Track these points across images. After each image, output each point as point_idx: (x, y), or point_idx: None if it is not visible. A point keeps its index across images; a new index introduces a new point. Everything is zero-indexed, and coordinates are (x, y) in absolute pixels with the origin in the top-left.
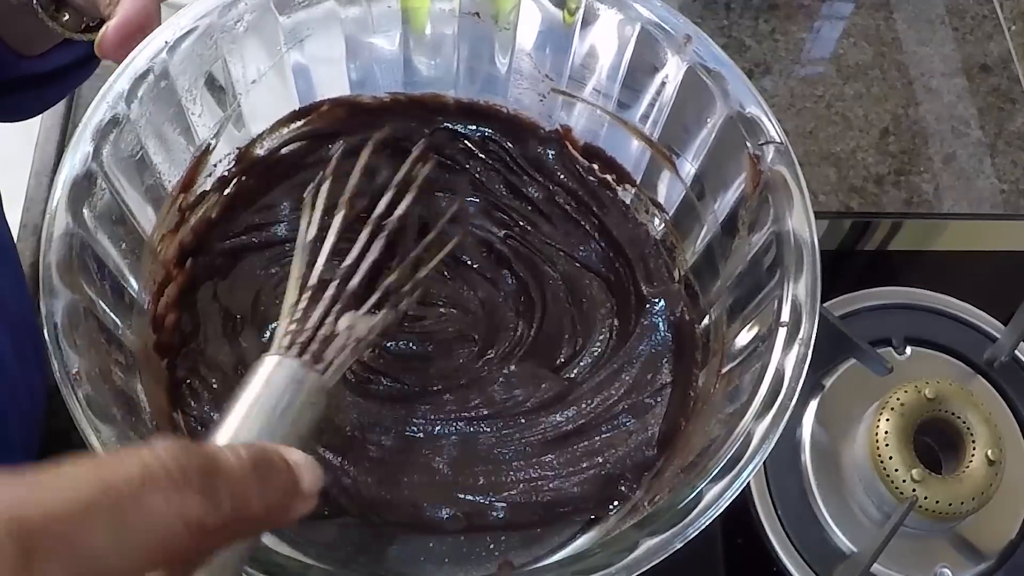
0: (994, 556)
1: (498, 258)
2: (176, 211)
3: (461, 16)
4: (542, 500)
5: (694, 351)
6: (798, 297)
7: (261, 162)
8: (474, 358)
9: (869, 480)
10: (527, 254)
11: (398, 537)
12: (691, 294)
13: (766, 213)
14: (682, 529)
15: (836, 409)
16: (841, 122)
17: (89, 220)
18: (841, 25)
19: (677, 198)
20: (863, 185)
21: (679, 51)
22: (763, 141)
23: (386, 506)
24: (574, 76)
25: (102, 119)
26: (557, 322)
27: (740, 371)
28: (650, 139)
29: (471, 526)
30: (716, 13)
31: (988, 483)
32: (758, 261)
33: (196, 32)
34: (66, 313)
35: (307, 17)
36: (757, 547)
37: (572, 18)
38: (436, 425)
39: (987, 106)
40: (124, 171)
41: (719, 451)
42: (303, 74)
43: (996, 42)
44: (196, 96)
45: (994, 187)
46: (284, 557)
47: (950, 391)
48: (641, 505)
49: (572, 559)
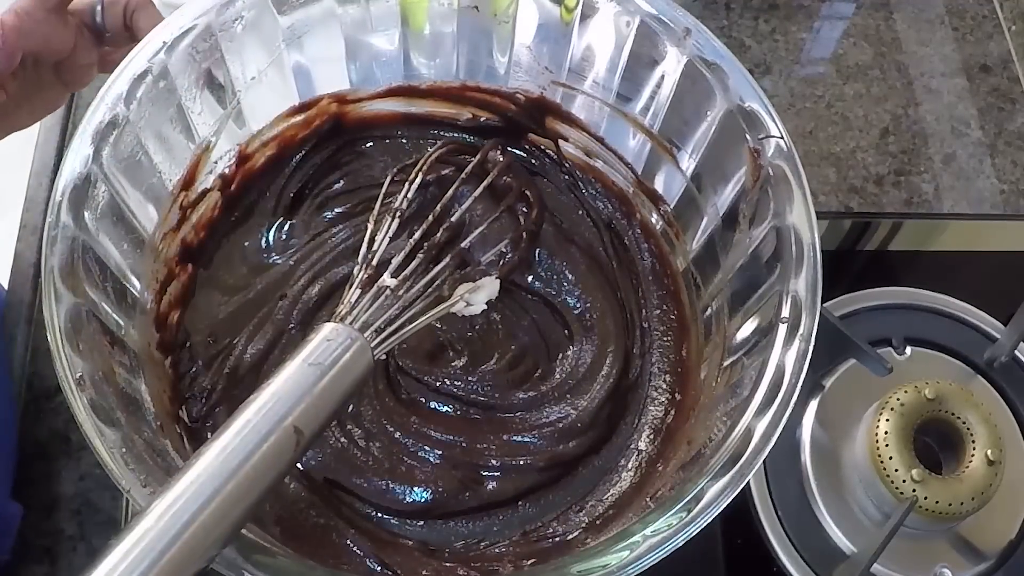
0: (994, 556)
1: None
2: (178, 209)
3: (460, 11)
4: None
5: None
6: (798, 293)
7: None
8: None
9: (869, 480)
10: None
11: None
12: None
13: (766, 207)
14: (683, 526)
15: (836, 409)
16: (841, 122)
17: (90, 222)
18: (841, 25)
19: (678, 191)
20: (863, 185)
21: (678, 44)
22: (763, 135)
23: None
24: (574, 69)
25: (101, 120)
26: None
27: (741, 365)
28: (650, 131)
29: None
30: (716, 13)
31: (988, 483)
32: (758, 255)
33: (194, 31)
34: (69, 317)
35: (305, 15)
36: (757, 547)
37: (571, 12)
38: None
39: (987, 106)
40: (124, 172)
41: (720, 448)
42: (303, 72)
43: (996, 42)
44: (195, 94)
45: (994, 187)
46: (288, 562)
47: (950, 391)
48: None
49: (573, 557)
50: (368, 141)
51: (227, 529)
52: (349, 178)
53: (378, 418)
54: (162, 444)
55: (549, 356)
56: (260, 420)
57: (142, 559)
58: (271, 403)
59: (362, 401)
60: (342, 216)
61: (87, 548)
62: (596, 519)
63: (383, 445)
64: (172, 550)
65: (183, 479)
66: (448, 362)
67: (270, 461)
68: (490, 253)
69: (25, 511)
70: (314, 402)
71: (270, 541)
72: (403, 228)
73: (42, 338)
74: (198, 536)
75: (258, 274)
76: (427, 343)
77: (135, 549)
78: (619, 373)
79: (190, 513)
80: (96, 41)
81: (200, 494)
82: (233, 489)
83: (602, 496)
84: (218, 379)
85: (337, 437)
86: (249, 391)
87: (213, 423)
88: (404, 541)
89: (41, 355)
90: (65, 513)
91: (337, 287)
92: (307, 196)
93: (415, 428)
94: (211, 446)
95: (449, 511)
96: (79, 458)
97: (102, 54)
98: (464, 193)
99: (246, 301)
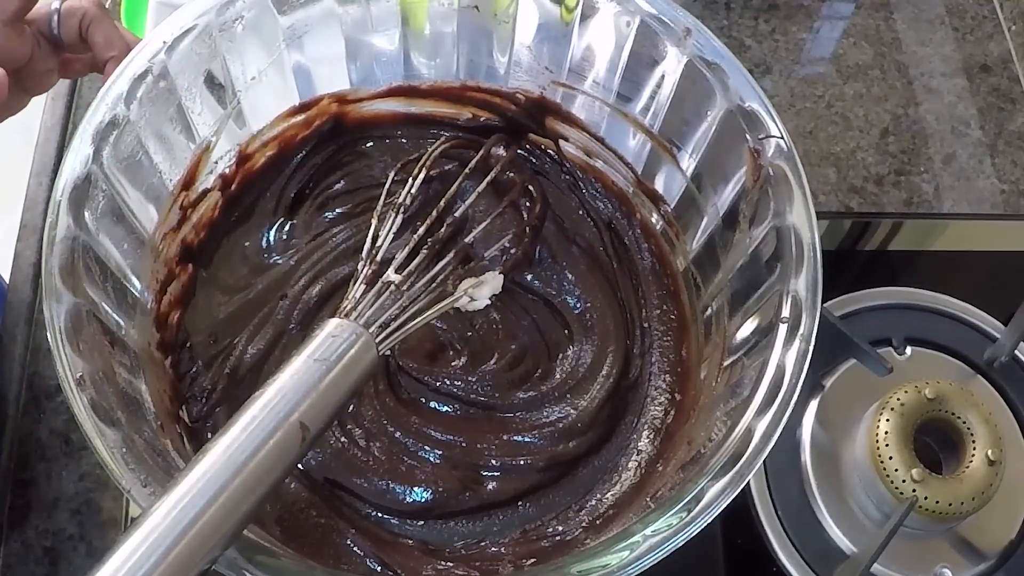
0: (994, 556)
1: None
2: (178, 209)
3: (460, 11)
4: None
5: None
6: (799, 293)
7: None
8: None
9: (869, 480)
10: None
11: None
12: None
13: (766, 207)
14: (683, 526)
15: (836, 409)
16: (841, 122)
17: (90, 222)
18: (841, 25)
19: (678, 190)
20: (863, 185)
21: (678, 44)
22: (763, 135)
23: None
24: (574, 69)
25: (102, 120)
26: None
27: (741, 365)
28: (650, 131)
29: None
30: (716, 13)
31: (988, 483)
32: (758, 255)
33: (195, 31)
34: (69, 317)
35: (305, 15)
36: (757, 547)
37: (571, 12)
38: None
39: (987, 106)
40: (125, 171)
41: (720, 448)
42: (303, 72)
43: (996, 42)
44: (196, 94)
45: (994, 187)
46: (288, 562)
47: (950, 391)
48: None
49: (573, 557)
50: (368, 141)
51: (232, 526)
52: (350, 178)
53: (378, 418)
54: (162, 444)
55: (549, 356)
56: (266, 416)
57: (149, 555)
58: (277, 399)
59: (362, 401)
60: (343, 216)
61: (87, 548)
62: (596, 519)
63: (383, 445)
64: (179, 546)
65: (190, 475)
66: (448, 362)
67: (276, 457)
68: (493, 248)
69: (25, 511)
70: (320, 398)
71: (271, 541)
72: (406, 224)
73: (42, 338)
74: (204, 532)
75: (258, 274)
76: (427, 343)
77: (143, 545)
78: (619, 373)
79: (197, 509)
80: (54, 49)
81: (207, 490)
82: (239, 485)
83: (602, 496)
84: (218, 379)
85: (337, 437)
86: (249, 391)
87: (213, 423)
88: (404, 541)
89: (41, 355)
90: (65, 513)
91: (338, 287)
92: (307, 196)
93: (415, 428)
94: (217, 442)
95: (449, 511)
96: (79, 458)
97: (62, 60)
98: (467, 189)
99: (246, 301)
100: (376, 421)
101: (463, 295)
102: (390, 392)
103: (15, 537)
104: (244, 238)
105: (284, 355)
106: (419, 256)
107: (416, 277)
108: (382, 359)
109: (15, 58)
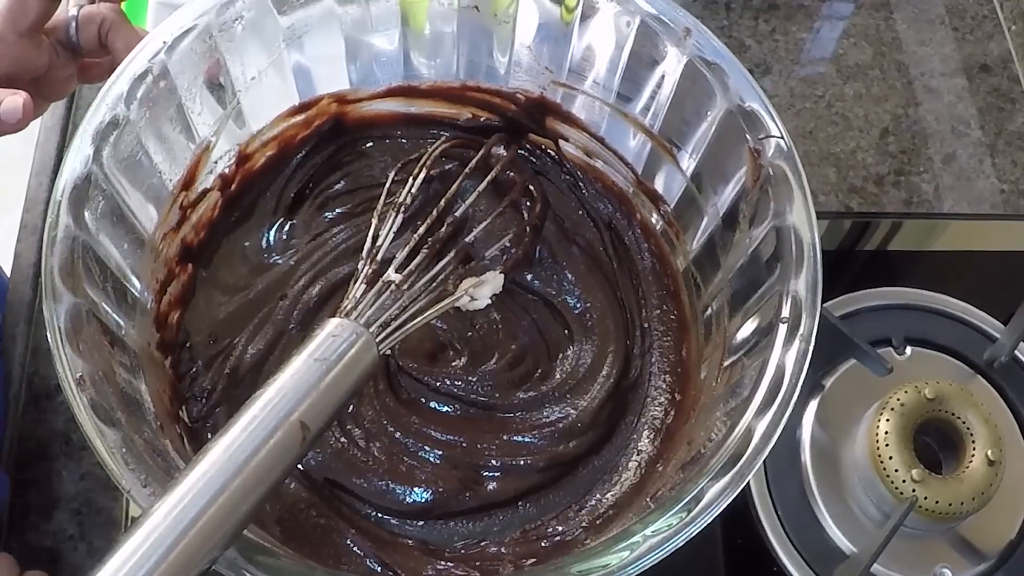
0: (994, 556)
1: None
2: (178, 209)
3: (460, 11)
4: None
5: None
6: (798, 293)
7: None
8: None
9: (869, 480)
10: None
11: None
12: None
13: (766, 207)
14: (683, 526)
15: (836, 409)
16: (841, 122)
17: (90, 222)
18: (841, 25)
19: (678, 191)
20: (863, 185)
21: (679, 44)
22: (763, 135)
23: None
24: (574, 69)
25: (102, 121)
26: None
27: (741, 365)
28: (650, 131)
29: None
30: (716, 13)
31: (988, 483)
32: (758, 255)
33: (194, 31)
34: (69, 317)
35: (305, 15)
36: (757, 547)
37: (571, 12)
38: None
39: (987, 106)
40: (125, 172)
41: (720, 448)
42: (303, 72)
43: (996, 42)
44: (195, 94)
45: (994, 187)
46: (288, 562)
47: (950, 391)
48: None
49: (573, 557)
50: (368, 141)
51: (232, 526)
52: (350, 178)
53: (378, 418)
54: (162, 444)
55: (549, 356)
56: (266, 416)
57: (150, 555)
58: (277, 399)
59: (362, 401)
60: (343, 216)
61: (87, 548)
62: (596, 519)
63: (383, 445)
64: (179, 547)
65: (190, 475)
66: (448, 362)
67: (276, 457)
68: (494, 248)
69: (25, 511)
70: (320, 398)
71: (271, 541)
72: (407, 224)
73: (42, 338)
74: (205, 533)
75: (258, 274)
76: (427, 343)
77: (144, 545)
78: (619, 373)
79: (197, 509)
80: (72, 57)
81: (207, 490)
82: (239, 485)
83: (602, 496)
84: (218, 379)
85: (337, 437)
86: (249, 391)
87: (213, 423)
88: (404, 541)
89: (41, 355)
90: (65, 513)
91: (338, 287)
92: (307, 196)
93: (415, 428)
94: (217, 442)
95: (449, 511)
96: (79, 458)
97: (81, 65)
98: (467, 188)
99: (246, 301)
100: (376, 421)
101: (463, 295)
102: (390, 392)
103: (15, 537)
104: (244, 238)
105: (284, 355)
106: (419, 256)
107: (416, 277)
108: (382, 359)
109: (33, 68)
